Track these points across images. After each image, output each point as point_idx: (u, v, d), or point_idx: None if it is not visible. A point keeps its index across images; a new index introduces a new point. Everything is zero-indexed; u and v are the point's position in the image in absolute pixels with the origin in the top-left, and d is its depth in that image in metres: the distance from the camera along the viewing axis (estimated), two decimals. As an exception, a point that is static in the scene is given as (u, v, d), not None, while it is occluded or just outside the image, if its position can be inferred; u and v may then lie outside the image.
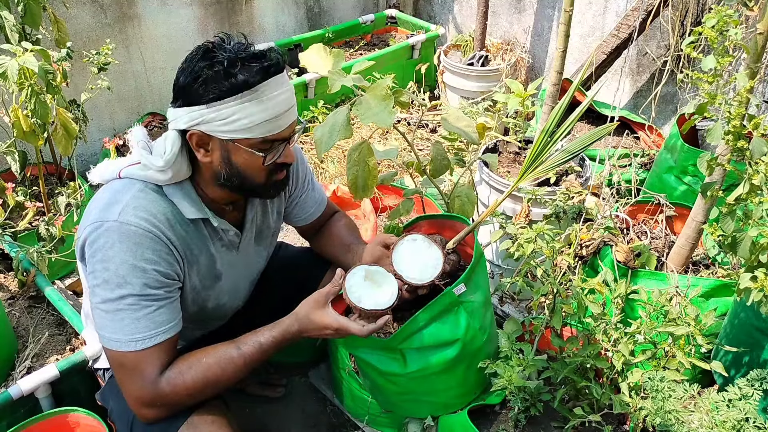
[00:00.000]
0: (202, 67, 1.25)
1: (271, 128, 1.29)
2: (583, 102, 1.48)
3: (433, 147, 1.87)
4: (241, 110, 1.25)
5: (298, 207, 1.67)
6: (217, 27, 3.20)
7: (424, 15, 3.94)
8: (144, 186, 1.33)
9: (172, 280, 1.34)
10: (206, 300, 1.50)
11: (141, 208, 1.30)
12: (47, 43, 2.27)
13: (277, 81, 1.28)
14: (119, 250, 1.26)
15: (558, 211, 1.86)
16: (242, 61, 1.24)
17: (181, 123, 1.28)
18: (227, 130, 1.27)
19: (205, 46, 1.28)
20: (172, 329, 1.33)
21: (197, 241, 1.41)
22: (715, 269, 1.86)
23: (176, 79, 1.29)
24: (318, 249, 1.78)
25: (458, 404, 1.64)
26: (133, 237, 1.27)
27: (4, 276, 2.18)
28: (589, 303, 1.56)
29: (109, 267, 1.26)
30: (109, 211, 1.29)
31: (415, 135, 3.13)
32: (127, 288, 1.26)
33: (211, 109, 1.25)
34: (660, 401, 1.35)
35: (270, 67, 1.26)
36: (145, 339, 1.28)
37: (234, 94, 1.24)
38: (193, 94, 1.26)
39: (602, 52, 2.87)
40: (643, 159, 2.61)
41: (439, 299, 1.49)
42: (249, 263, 1.59)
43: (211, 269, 1.46)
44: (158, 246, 1.30)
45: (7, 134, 2.21)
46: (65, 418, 1.55)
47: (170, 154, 1.29)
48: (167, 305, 1.32)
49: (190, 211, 1.36)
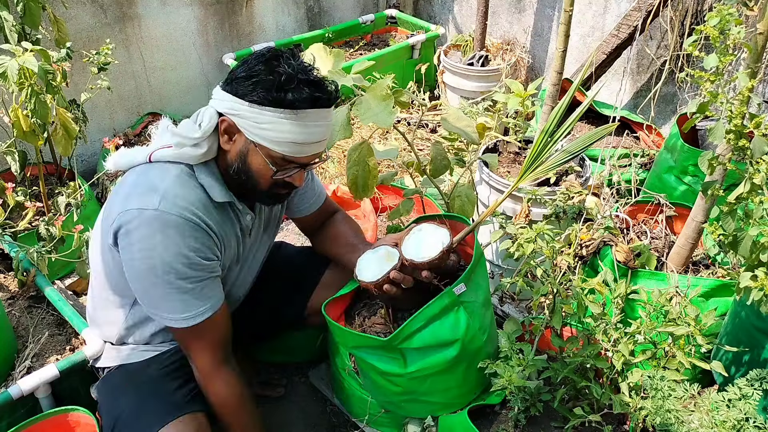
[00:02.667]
0: (262, 69, 1.30)
1: (294, 150, 1.34)
2: (583, 102, 1.48)
3: (433, 147, 1.87)
4: (275, 123, 1.29)
5: (299, 197, 1.69)
6: (217, 27, 3.20)
7: (424, 15, 3.94)
8: (180, 172, 1.37)
9: (213, 261, 1.41)
10: (226, 283, 1.54)
11: (180, 197, 1.34)
12: (47, 43, 2.27)
13: (320, 113, 1.32)
14: (162, 239, 1.30)
15: (558, 211, 1.86)
16: (298, 82, 1.28)
17: (221, 106, 1.33)
18: (256, 134, 1.31)
19: (274, 51, 1.33)
20: (219, 301, 1.42)
21: (227, 224, 1.46)
22: (715, 269, 1.86)
23: (236, 67, 1.35)
24: (321, 248, 1.78)
25: (458, 404, 1.64)
26: (175, 227, 1.31)
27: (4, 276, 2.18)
28: (589, 303, 1.56)
29: (153, 255, 1.31)
30: (148, 199, 1.32)
31: (415, 135, 3.13)
32: (173, 274, 1.32)
33: (251, 109, 1.29)
34: (660, 401, 1.35)
35: (320, 98, 1.31)
36: (195, 316, 1.37)
37: (276, 107, 1.28)
38: (242, 87, 1.30)
39: (602, 52, 2.87)
40: (643, 159, 2.61)
41: (439, 299, 1.49)
42: (257, 251, 1.63)
43: (236, 251, 1.52)
44: (199, 233, 1.35)
45: (7, 134, 2.21)
46: (65, 418, 1.55)
47: (207, 125, 1.34)
48: (210, 282, 1.40)
49: (219, 194, 1.40)
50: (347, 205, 2.52)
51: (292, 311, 1.77)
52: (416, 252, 1.52)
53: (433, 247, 1.51)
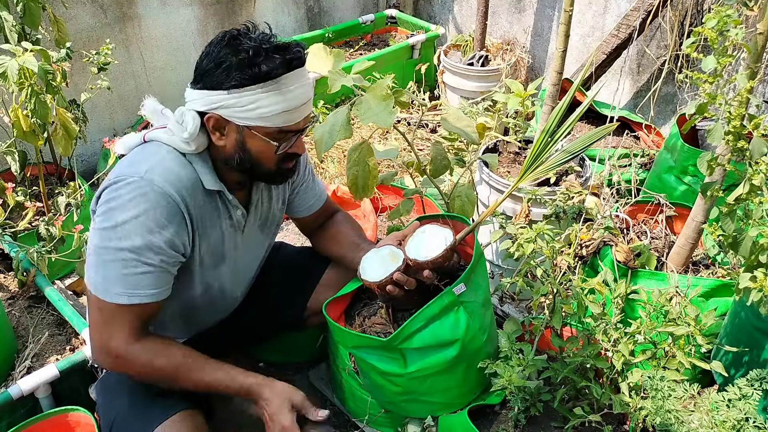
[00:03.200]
0: (227, 53, 1.27)
1: (287, 119, 1.33)
2: (583, 102, 1.48)
3: (433, 147, 1.87)
4: (261, 99, 1.28)
5: (300, 197, 1.68)
6: (217, 27, 3.20)
7: (424, 15, 3.94)
8: (172, 149, 1.35)
9: (175, 251, 1.35)
10: (211, 282, 1.52)
11: (169, 171, 1.32)
12: (47, 43, 2.27)
13: (298, 74, 1.31)
14: (134, 205, 1.27)
15: (558, 211, 1.86)
16: (266, 52, 1.26)
17: (200, 105, 1.31)
18: (245, 117, 1.30)
19: (230, 33, 1.30)
20: (155, 296, 1.33)
21: (212, 214, 1.43)
22: (715, 269, 1.86)
23: (199, 61, 1.32)
24: (322, 248, 1.77)
25: (458, 404, 1.64)
26: (153, 197, 1.28)
27: (4, 276, 2.18)
28: (589, 303, 1.56)
29: (117, 216, 1.27)
30: (135, 168, 1.30)
31: (415, 135, 3.13)
32: (127, 242, 1.28)
33: (232, 95, 1.27)
34: (660, 401, 1.35)
35: (293, 60, 1.29)
36: (126, 295, 1.30)
37: (256, 83, 1.26)
38: (215, 78, 1.28)
39: (602, 52, 2.87)
40: (643, 159, 2.61)
41: (439, 299, 1.50)
42: (251, 249, 1.61)
43: (219, 247, 1.48)
44: (173, 212, 1.31)
45: (7, 134, 2.21)
46: (65, 418, 1.55)
47: (192, 128, 1.31)
48: (159, 273, 1.33)
49: (209, 182, 1.39)
50: (347, 205, 2.52)
51: (292, 311, 1.77)
52: (419, 252, 1.52)
53: (435, 246, 1.52)
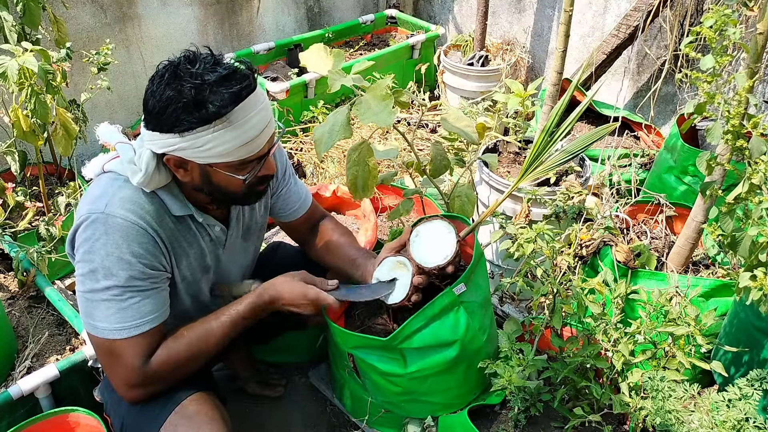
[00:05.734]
0: (170, 96, 1.22)
1: (248, 150, 1.29)
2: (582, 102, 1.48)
3: (433, 147, 1.87)
4: (214, 139, 1.24)
5: (282, 200, 1.67)
6: (217, 27, 3.20)
7: (424, 15, 3.94)
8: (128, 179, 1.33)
9: (159, 271, 1.35)
10: (197, 293, 1.52)
11: (127, 200, 1.30)
12: (47, 43, 2.27)
13: (249, 103, 1.25)
14: (105, 243, 1.27)
15: (558, 211, 1.86)
16: (210, 87, 1.21)
17: (156, 147, 1.27)
18: (203, 157, 1.27)
19: (171, 69, 1.24)
20: (158, 318, 1.34)
21: (187, 235, 1.42)
22: (715, 269, 1.86)
23: (145, 100, 1.27)
24: (317, 258, 1.76)
25: (458, 404, 1.64)
26: (119, 229, 1.27)
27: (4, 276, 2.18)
28: (589, 303, 1.56)
29: (94, 258, 1.27)
30: (96, 204, 1.29)
31: (415, 135, 3.13)
32: (112, 279, 1.28)
33: (185, 138, 1.24)
34: (660, 401, 1.35)
35: (241, 90, 1.23)
36: (131, 328, 1.30)
37: (206, 124, 1.22)
38: (164, 122, 1.24)
39: (602, 52, 2.87)
40: (643, 159, 2.61)
41: (439, 299, 1.49)
42: (235, 259, 1.61)
43: (202, 261, 1.48)
44: (144, 239, 1.30)
45: (7, 134, 2.21)
46: (65, 418, 1.55)
47: (143, 175, 1.28)
48: (153, 295, 1.33)
49: (176, 209, 1.37)
50: (347, 205, 2.52)
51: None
52: (430, 256, 1.52)
53: (443, 242, 1.52)
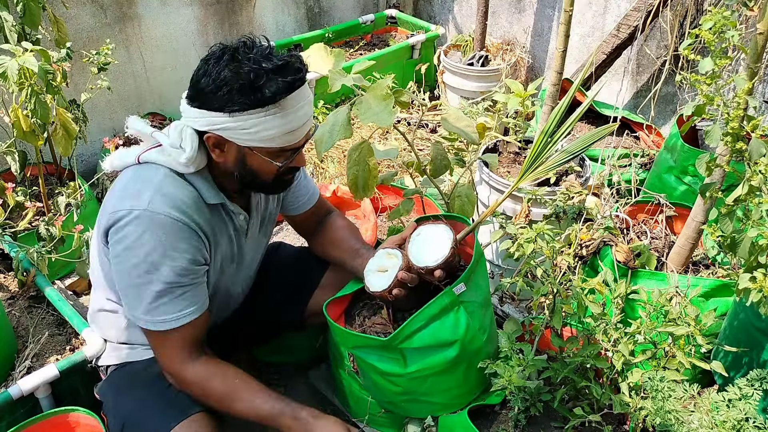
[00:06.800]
0: (227, 75, 1.24)
1: (290, 139, 1.33)
2: (583, 102, 1.48)
3: (433, 147, 1.87)
4: (263, 122, 1.27)
5: (292, 194, 1.69)
6: (217, 27, 3.20)
7: (424, 15, 3.94)
8: (169, 171, 1.35)
9: (201, 266, 1.39)
10: (220, 285, 1.53)
11: (170, 197, 1.32)
12: (47, 43, 2.26)
13: (300, 94, 1.30)
14: (149, 239, 1.29)
15: (558, 211, 1.86)
16: (267, 74, 1.25)
17: (199, 124, 1.30)
18: (247, 139, 1.30)
19: (229, 51, 1.27)
20: (198, 311, 1.38)
21: (220, 224, 1.45)
22: (715, 269, 1.86)
23: (196, 79, 1.29)
24: (321, 252, 1.77)
25: (458, 404, 1.64)
26: (164, 227, 1.30)
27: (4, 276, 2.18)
28: (589, 303, 1.56)
29: (138, 254, 1.29)
30: (137, 199, 1.31)
31: (415, 135, 3.13)
32: (156, 274, 1.30)
33: (234, 118, 1.27)
34: (660, 401, 1.35)
35: (295, 81, 1.28)
36: (172, 320, 1.34)
37: (258, 107, 1.26)
38: (215, 101, 1.27)
39: (602, 52, 2.87)
40: (643, 159, 2.61)
41: (439, 299, 1.50)
42: (253, 249, 1.63)
43: (231, 251, 1.51)
44: (187, 234, 1.33)
45: (7, 134, 2.21)
46: (65, 418, 1.55)
47: (191, 151, 1.32)
48: (193, 289, 1.37)
49: (210, 197, 1.40)
50: (347, 205, 2.52)
51: (293, 311, 1.77)
52: (424, 256, 1.52)
53: (438, 247, 1.52)
